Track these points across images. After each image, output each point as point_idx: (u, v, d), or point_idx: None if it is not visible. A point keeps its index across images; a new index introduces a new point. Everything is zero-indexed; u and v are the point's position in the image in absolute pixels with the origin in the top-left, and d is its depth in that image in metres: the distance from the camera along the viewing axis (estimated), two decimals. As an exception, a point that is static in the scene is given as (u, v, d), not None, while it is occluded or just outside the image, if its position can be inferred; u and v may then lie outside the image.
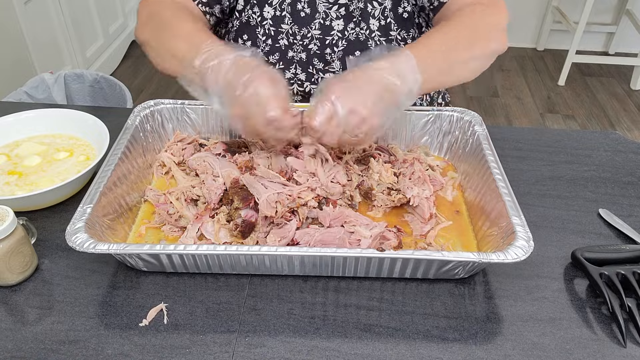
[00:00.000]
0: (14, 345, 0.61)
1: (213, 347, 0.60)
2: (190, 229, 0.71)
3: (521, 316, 0.65)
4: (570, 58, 2.78)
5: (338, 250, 0.62)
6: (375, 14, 0.93)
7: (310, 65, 0.96)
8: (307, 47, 0.95)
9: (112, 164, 0.74)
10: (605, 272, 0.67)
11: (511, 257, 0.60)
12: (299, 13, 0.93)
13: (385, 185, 0.78)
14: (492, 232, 0.69)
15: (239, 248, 0.62)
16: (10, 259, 0.65)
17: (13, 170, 0.84)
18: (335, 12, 0.93)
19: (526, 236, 0.63)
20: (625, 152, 0.94)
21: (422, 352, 0.60)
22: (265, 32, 0.94)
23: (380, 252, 0.62)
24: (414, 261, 0.64)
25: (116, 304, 0.65)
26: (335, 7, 0.93)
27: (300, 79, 0.97)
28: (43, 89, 1.53)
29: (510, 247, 0.62)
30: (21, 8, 2.04)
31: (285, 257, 0.64)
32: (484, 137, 0.81)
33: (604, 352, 0.61)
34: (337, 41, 0.94)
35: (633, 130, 2.53)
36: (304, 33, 0.94)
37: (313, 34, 0.94)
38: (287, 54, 0.95)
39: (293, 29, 0.94)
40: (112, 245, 0.62)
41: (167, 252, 0.63)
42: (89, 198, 0.68)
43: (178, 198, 0.75)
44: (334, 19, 0.93)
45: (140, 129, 0.84)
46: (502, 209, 0.68)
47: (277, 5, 0.93)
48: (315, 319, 0.64)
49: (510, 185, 0.71)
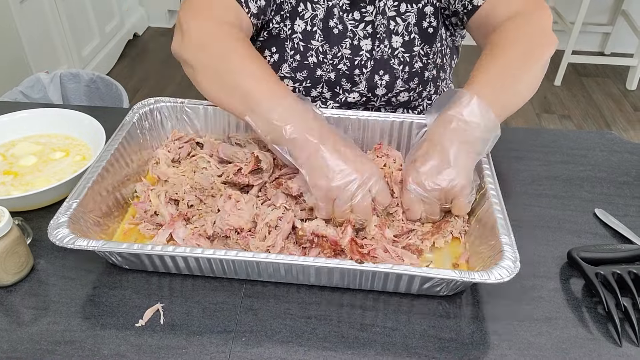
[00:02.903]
0: (9, 346, 0.60)
1: (210, 348, 0.60)
2: (161, 233, 0.70)
3: (517, 316, 0.65)
4: (566, 58, 2.79)
5: (316, 260, 0.61)
6: (399, 30, 0.91)
7: (337, 85, 0.95)
8: (337, 67, 0.93)
9: (104, 160, 0.73)
10: (601, 272, 0.67)
11: (494, 278, 0.58)
12: (331, 30, 0.91)
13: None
14: (482, 250, 0.67)
15: (215, 252, 0.61)
16: (6, 259, 0.65)
17: (9, 170, 0.84)
18: (362, 30, 0.91)
19: (513, 256, 0.61)
20: (621, 152, 0.94)
21: (418, 351, 0.60)
22: (294, 46, 0.92)
23: (358, 265, 0.60)
24: (395, 275, 0.62)
25: (112, 304, 0.65)
26: (362, 24, 0.91)
27: (325, 97, 0.96)
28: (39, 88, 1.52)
29: (495, 267, 0.60)
30: (17, 7, 2.03)
31: (270, 264, 0.63)
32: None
33: (599, 351, 0.61)
34: (365, 62, 0.93)
35: (629, 130, 2.54)
36: (335, 52, 0.92)
37: (343, 53, 0.92)
38: (315, 72, 0.93)
39: (324, 47, 0.92)
40: (91, 242, 0.62)
41: (145, 252, 0.62)
42: (75, 193, 0.67)
43: (159, 195, 0.75)
44: (361, 38, 0.91)
45: (137, 126, 0.83)
46: (493, 226, 0.66)
47: (309, 19, 0.90)
48: (311, 319, 0.64)
49: (504, 203, 0.69)
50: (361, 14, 0.91)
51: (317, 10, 0.91)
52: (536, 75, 0.79)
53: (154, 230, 0.73)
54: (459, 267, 0.70)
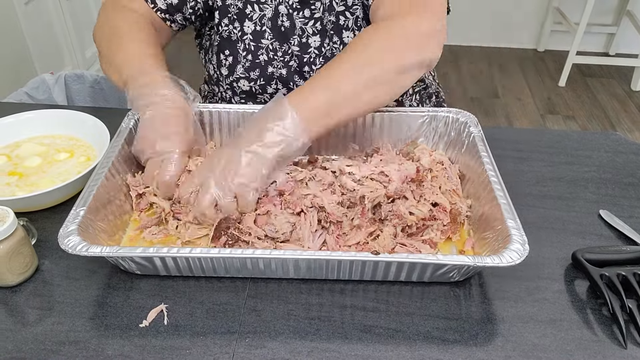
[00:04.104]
0: (14, 346, 0.61)
1: (213, 348, 0.60)
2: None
3: (521, 317, 0.65)
4: (571, 59, 2.78)
5: (332, 254, 0.62)
6: (349, 24, 0.91)
7: (290, 81, 0.96)
8: (288, 64, 0.94)
9: (106, 166, 0.74)
10: (606, 273, 0.67)
11: (506, 261, 0.60)
12: (279, 28, 0.92)
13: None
14: (488, 235, 0.68)
15: (232, 251, 0.62)
16: (11, 259, 0.65)
17: (13, 171, 0.84)
18: (311, 27, 0.92)
19: (521, 239, 0.62)
20: (626, 153, 0.94)
21: (422, 353, 0.60)
22: (245, 47, 0.94)
23: (374, 256, 0.61)
24: (409, 264, 0.63)
25: (116, 305, 0.65)
26: (312, 22, 0.91)
27: (283, 93, 0.97)
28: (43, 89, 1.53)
29: (506, 250, 0.61)
30: (22, 8, 2.04)
31: (279, 260, 0.63)
32: (479, 139, 0.80)
33: (604, 353, 0.61)
34: (314, 59, 0.94)
35: (634, 131, 2.53)
36: (285, 49, 0.93)
37: (292, 50, 0.93)
38: (267, 69, 0.95)
39: (274, 44, 0.93)
40: (105, 249, 0.62)
41: (160, 255, 0.62)
42: (82, 200, 0.68)
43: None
44: (310, 35, 0.92)
45: (135, 131, 0.83)
46: (497, 211, 0.67)
47: (258, 20, 0.92)
48: (315, 319, 0.64)
49: (505, 188, 0.70)
50: (311, 11, 0.91)
51: (264, 10, 0.92)
52: (378, 79, 0.74)
53: (159, 234, 0.73)
54: (466, 253, 0.71)
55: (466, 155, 0.82)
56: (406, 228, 0.71)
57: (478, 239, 0.71)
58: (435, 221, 0.72)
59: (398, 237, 0.71)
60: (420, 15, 0.78)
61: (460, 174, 0.82)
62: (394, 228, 0.71)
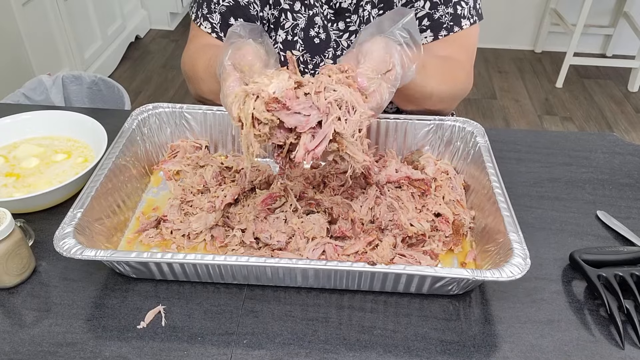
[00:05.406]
0: (11, 348, 0.60)
1: (211, 350, 0.60)
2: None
3: (519, 318, 0.65)
4: (568, 60, 2.79)
5: (328, 263, 0.61)
6: None
7: None
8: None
9: (106, 167, 0.74)
10: (603, 274, 0.67)
11: (506, 275, 0.59)
12: (312, 40, 0.91)
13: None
14: (490, 248, 0.68)
15: (226, 258, 0.61)
16: (8, 261, 0.65)
17: (11, 172, 0.84)
18: (346, 40, 0.90)
19: (523, 254, 0.61)
20: (623, 154, 0.94)
21: (420, 353, 0.60)
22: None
23: (371, 266, 0.60)
24: (407, 276, 0.63)
25: (114, 306, 0.65)
26: (347, 34, 0.90)
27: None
28: (41, 90, 1.53)
29: (507, 264, 0.60)
30: (19, 9, 2.04)
31: (274, 268, 0.62)
32: (485, 149, 0.79)
33: (602, 353, 0.61)
34: None
35: (630, 132, 2.54)
36: (316, 62, 0.91)
37: (326, 62, 0.91)
38: None
39: (304, 56, 0.91)
40: (100, 252, 0.61)
41: (154, 261, 0.62)
42: (79, 202, 0.67)
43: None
44: (345, 48, 0.90)
45: (137, 133, 0.83)
46: (500, 224, 0.66)
47: (290, 29, 0.90)
48: (313, 321, 0.64)
49: (509, 199, 0.69)
50: (345, 24, 0.90)
51: (298, 19, 0.90)
52: (443, 81, 0.83)
53: (155, 238, 0.73)
54: (467, 265, 0.71)
55: (472, 166, 0.81)
56: (406, 238, 0.71)
57: (480, 251, 0.71)
58: (437, 232, 0.72)
59: (398, 247, 0.70)
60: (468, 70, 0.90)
61: (465, 185, 0.82)
62: (393, 238, 0.70)
